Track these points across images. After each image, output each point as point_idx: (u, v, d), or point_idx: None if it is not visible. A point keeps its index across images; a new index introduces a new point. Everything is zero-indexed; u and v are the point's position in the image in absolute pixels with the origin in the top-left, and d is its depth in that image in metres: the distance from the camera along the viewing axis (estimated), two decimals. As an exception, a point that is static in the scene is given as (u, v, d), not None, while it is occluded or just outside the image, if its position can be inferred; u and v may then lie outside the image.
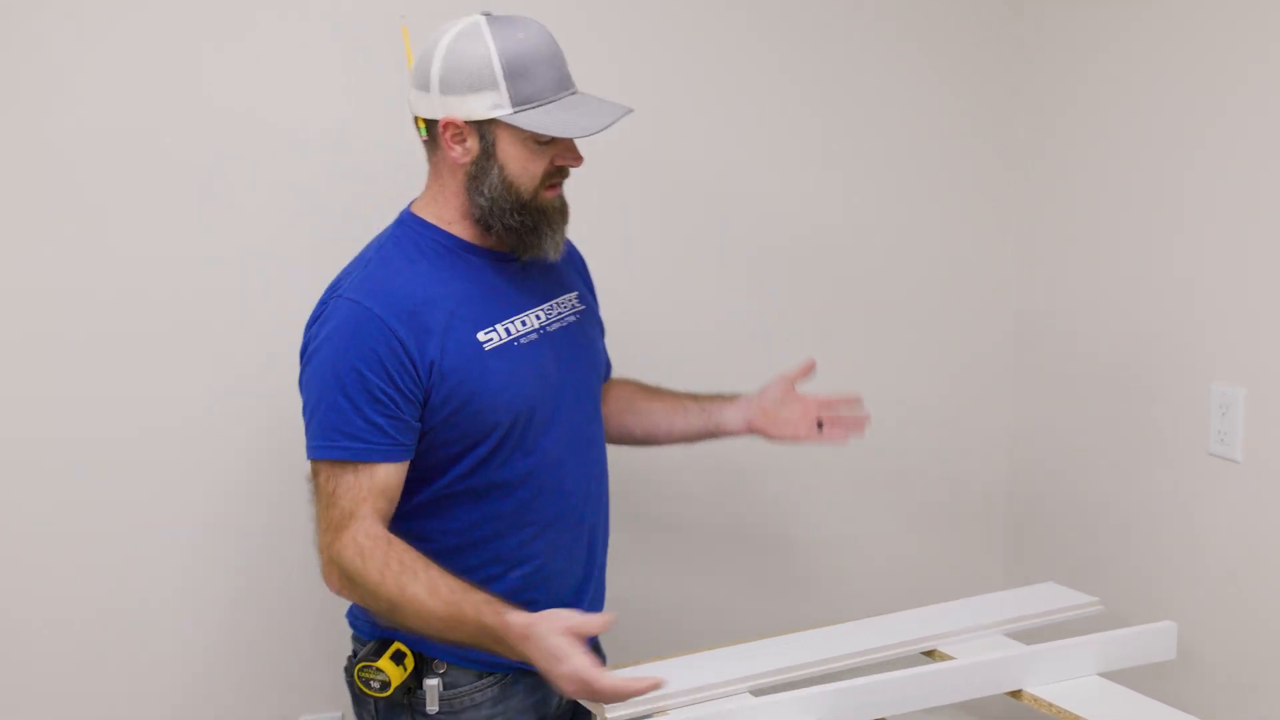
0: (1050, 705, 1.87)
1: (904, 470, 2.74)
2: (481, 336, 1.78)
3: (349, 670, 1.88)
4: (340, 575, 1.70)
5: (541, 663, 1.60)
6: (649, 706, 1.76)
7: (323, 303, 1.79)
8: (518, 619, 1.61)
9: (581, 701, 1.77)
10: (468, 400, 1.75)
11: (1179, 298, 2.32)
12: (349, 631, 1.93)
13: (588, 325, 1.98)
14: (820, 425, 2.06)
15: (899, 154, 2.65)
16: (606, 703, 1.67)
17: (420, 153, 1.85)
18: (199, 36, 2.19)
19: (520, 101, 1.72)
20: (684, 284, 2.53)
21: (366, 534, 1.69)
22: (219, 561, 2.30)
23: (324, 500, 1.73)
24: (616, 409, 2.12)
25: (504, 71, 1.71)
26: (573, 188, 1.86)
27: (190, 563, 2.29)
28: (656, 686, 1.60)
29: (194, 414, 2.26)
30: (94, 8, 2.14)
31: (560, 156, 1.79)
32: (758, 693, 1.83)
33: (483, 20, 1.75)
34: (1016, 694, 1.92)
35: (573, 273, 2.01)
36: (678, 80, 2.47)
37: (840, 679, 1.84)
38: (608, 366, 2.12)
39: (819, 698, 1.79)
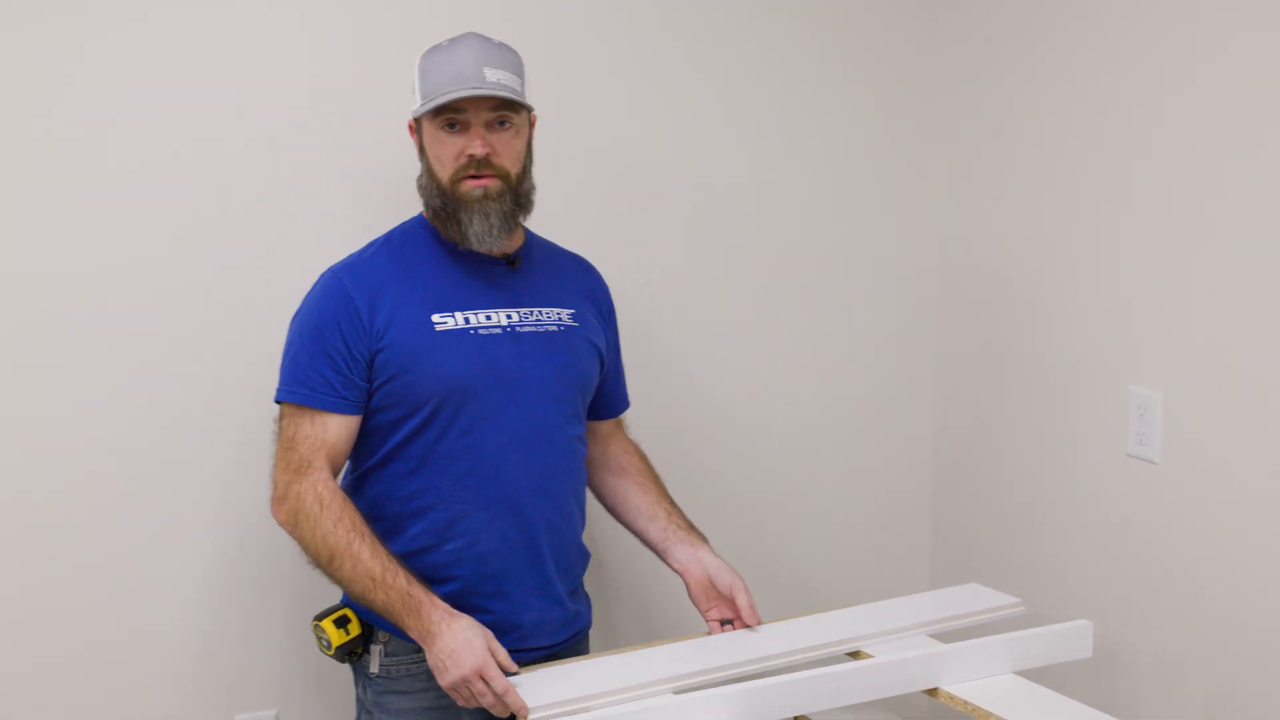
0: (965, 703, 1.90)
1: (830, 471, 2.78)
2: (436, 318, 1.97)
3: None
4: (290, 512, 1.92)
5: (451, 640, 1.82)
6: (571, 706, 1.80)
7: (320, 277, 2.04)
8: (444, 604, 1.86)
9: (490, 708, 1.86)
10: (405, 370, 1.95)
11: (1100, 303, 2.37)
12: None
13: (575, 339, 2.10)
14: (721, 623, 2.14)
15: (826, 153, 2.70)
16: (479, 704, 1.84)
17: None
18: (193, 32, 2.24)
19: (426, 95, 1.95)
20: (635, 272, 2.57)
21: (326, 485, 1.92)
22: (225, 559, 2.34)
23: (284, 442, 1.96)
24: (609, 466, 2.26)
25: (419, 72, 1.98)
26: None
27: (194, 560, 2.32)
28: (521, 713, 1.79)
29: (192, 411, 2.30)
30: (90, 6, 2.17)
31: (466, 146, 1.95)
32: (680, 692, 1.86)
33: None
34: (933, 692, 1.95)
35: (581, 299, 2.15)
36: (638, 104, 2.53)
37: (763, 679, 1.87)
38: (620, 402, 2.30)
39: (738, 696, 1.81)
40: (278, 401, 1.98)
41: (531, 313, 2.05)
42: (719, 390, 2.65)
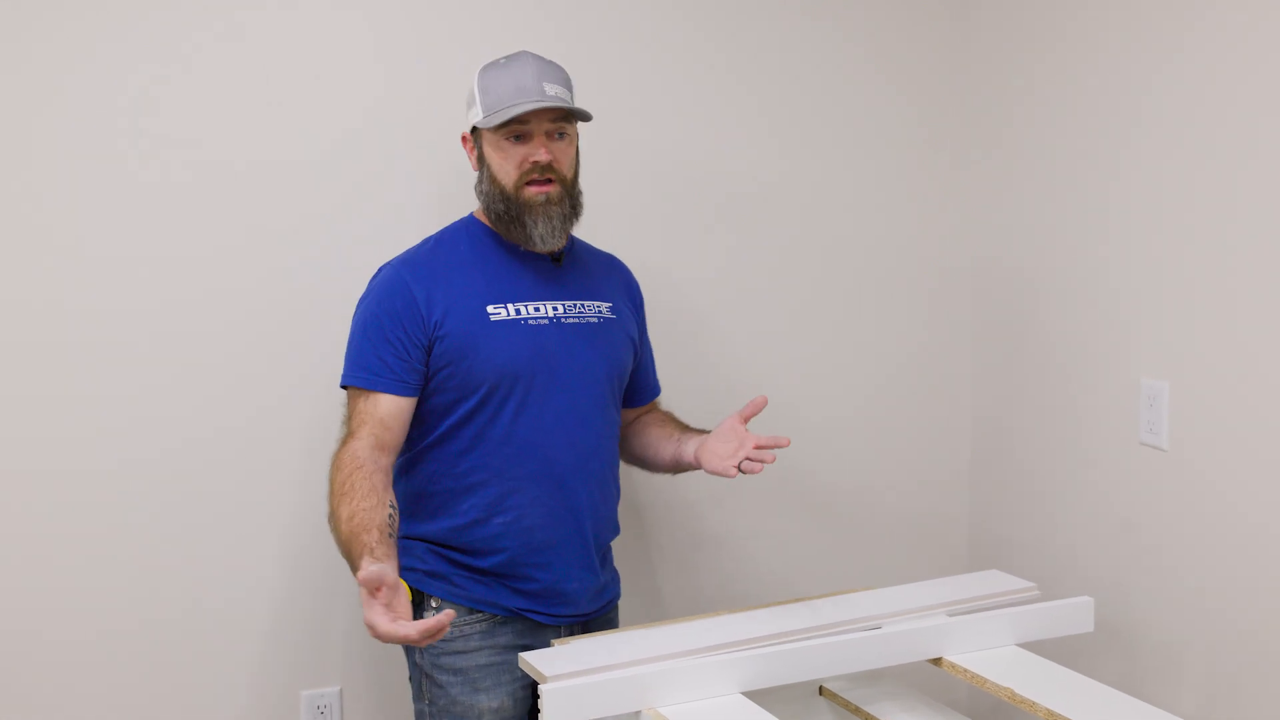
0: (966, 671, 2.02)
1: (869, 462, 2.90)
2: (491, 309, 2.14)
3: None
4: (331, 467, 2.05)
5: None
6: (587, 667, 1.93)
7: (378, 270, 2.21)
8: (363, 570, 1.80)
9: (530, 662, 1.98)
10: (462, 357, 2.11)
11: (1114, 300, 2.47)
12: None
13: (614, 330, 2.27)
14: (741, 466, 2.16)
15: (856, 172, 2.83)
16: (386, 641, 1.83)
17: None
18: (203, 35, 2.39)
19: (488, 109, 2.11)
20: (671, 272, 2.71)
21: (351, 452, 2.04)
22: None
23: (346, 417, 2.12)
24: (635, 433, 2.40)
25: (479, 87, 2.13)
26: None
27: (221, 554, 2.47)
28: (432, 629, 1.79)
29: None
30: (91, 13, 2.31)
31: (531, 154, 2.11)
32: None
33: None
34: (937, 661, 2.07)
35: (619, 294, 2.32)
36: (650, 105, 2.66)
37: (774, 645, 2.00)
38: (654, 387, 2.45)
39: (749, 661, 1.95)
40: (343, 386, 2.14)
41: (575, 305, 2.21)
42: (761, 383, 2.76)
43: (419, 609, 2.16)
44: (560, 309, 2.19)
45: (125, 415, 2.38)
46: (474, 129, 2.16)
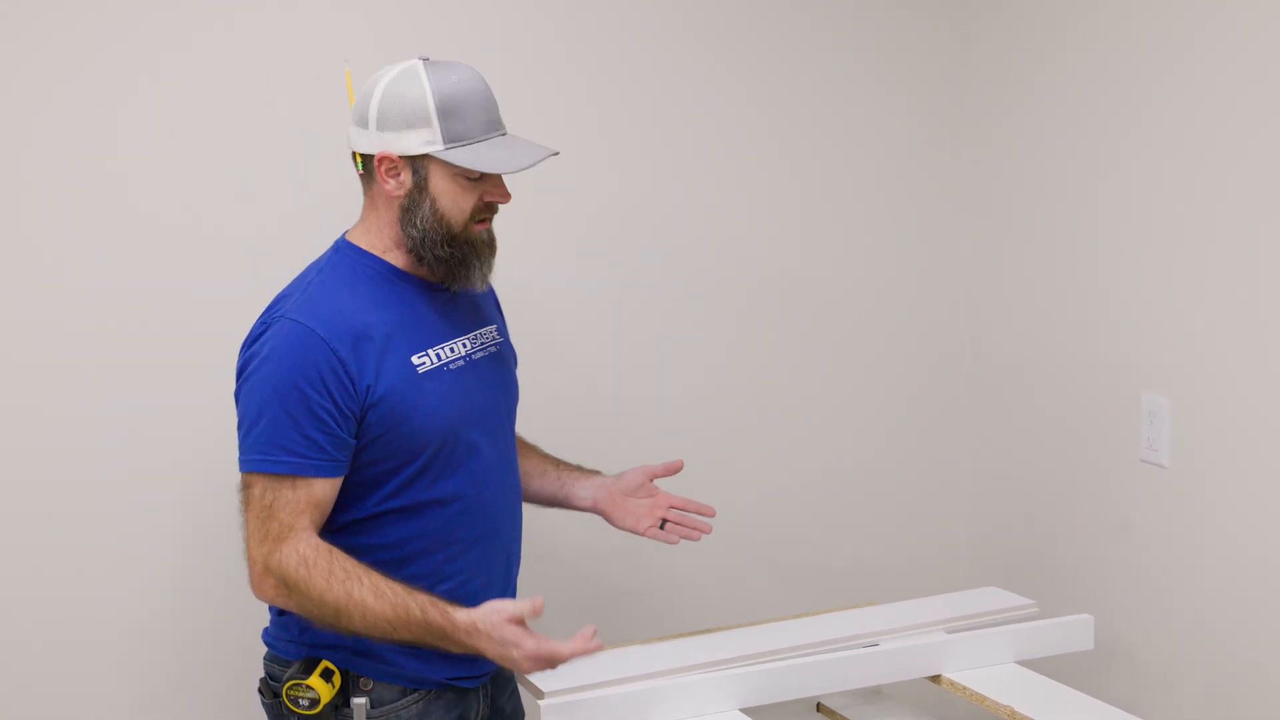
0: (965, 689, 2.01)
1: (874, 478, 2.89)
2: (415, 360, 1.88)
3: (273, 690, 1.94)
4: (278, 584, 1.80)
5: (493, 651, 1.75)
6: (584, 683, 1.92)
7: (263, 323, 1.87)
8: (462, 617, 1.75)
9: (528, 678, 1.92)
10: (401, 421, 1.85)
11: (1114, 313, 2.46)
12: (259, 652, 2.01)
13: (506, 356, 2.09)
14: (663, 524, 2.12)
15: (856, 183, 2.81)
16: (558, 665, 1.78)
17: None
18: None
19: (451, 139, 1.84)
20: (633, 312, 2.67)
21: (308, 544, 1.80)
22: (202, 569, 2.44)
23: (259, 512, 1.81)
24: None
25: (438, 110, 1.83)
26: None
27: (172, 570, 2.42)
28: (591, 646, 1.75)
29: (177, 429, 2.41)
30: (92, 12, 2.30)
31: (489, 193, 1.90)
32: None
33: (420, 64, 1.87)
34: (936, 679, 2.06)
35: (491, 306, 2.12)
36: (647, 109, 2.64)
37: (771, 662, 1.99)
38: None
39: (746, 678, 1.94)
40: (249, 472, 1.82)
41: (476, 337, 2.01)
42: (757, 393, 2.77)
43: (346, 694, 1.90)
44: (468, 344, 1.98)
45: (130, 423, 2.36)
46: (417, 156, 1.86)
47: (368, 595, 1.77)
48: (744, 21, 2.69)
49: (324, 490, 1.82)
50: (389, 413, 1.84)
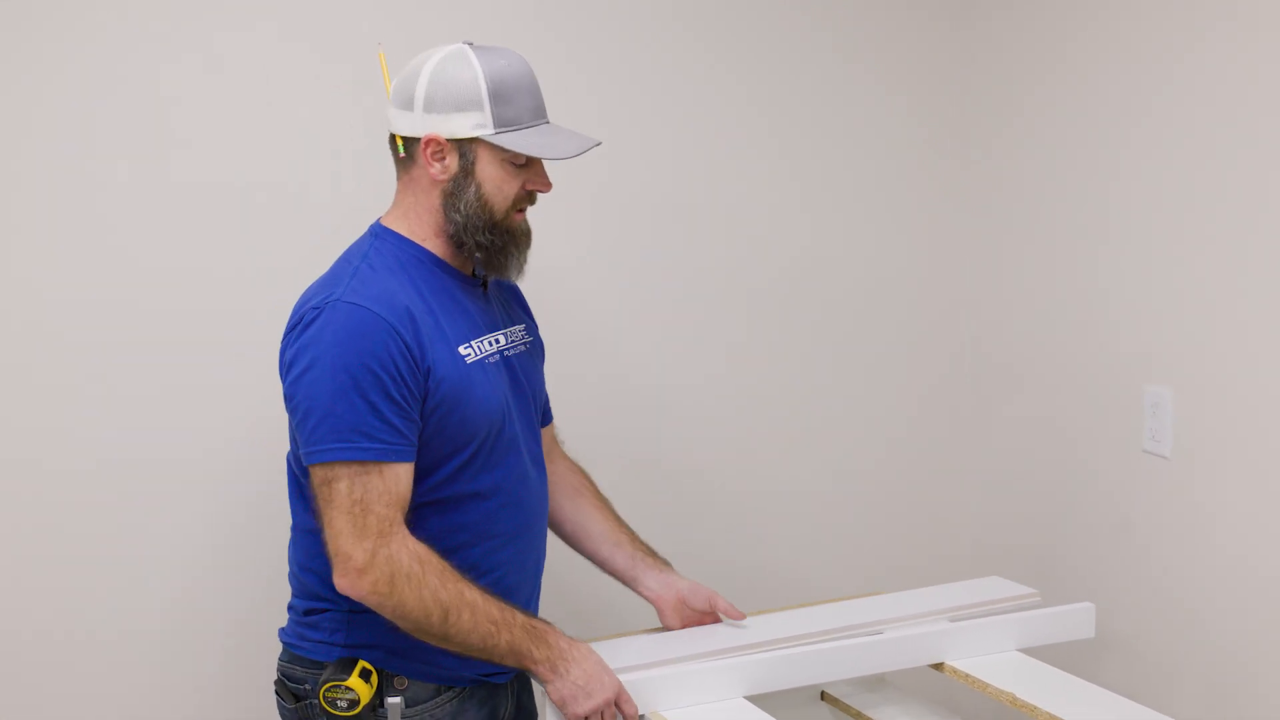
0: (967, 676, 2.03)
1: (879, 470, 2.92)
2: (461, 350, 1.86)
3: (293, 693, 1.92)
4: (385, 580, 1.73)
5: (587, 666, 1.85)
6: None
7: (314, 308, 1.79)
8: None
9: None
10: (455, 407, 1.82)
11: (1117, 306, 2.49)
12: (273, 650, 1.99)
13: (535, 356, 2.09)
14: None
15: (859, 182, 2.83)
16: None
17: None
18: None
19: (502, 124, 1.82)
20: (632, 314, 2.69)
21: (416, 541, 1.77)
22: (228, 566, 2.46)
23: (350, 507, 1.74)
24: (563, 489, 2.18)
25: (489, 94, 1.81)
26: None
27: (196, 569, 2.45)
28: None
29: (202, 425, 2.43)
30: (104, 8, 2.32)
31: (531, 182, 1.89)
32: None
33: (467, 48, 1.85)
34: (939, 666, 2.08)
35: (518, 307, 2.12)
36: (649, 109, 2.66)
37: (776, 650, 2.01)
38: (548, 410, 2.19)
39: (752, 666, 1.96)
40: (328, 462, 1.75)
41: (509, 334, 2.00)
42: (764, 386, 2.79)
43: (381, 694, 1.87)
44: (502, 340, 1.96)
45: (137, 415, 2.37)
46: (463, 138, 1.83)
47: (477, 595, 1.79)
48: (744, 21, 2.71)
49: (407, 477, 1.79)
50: (445, 398, 1.81)
